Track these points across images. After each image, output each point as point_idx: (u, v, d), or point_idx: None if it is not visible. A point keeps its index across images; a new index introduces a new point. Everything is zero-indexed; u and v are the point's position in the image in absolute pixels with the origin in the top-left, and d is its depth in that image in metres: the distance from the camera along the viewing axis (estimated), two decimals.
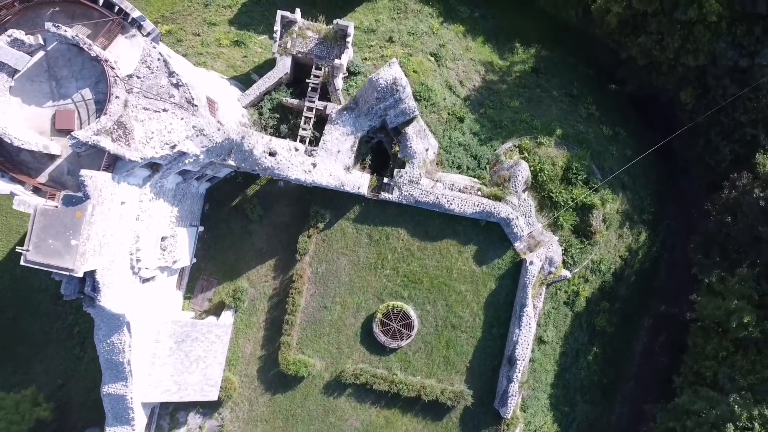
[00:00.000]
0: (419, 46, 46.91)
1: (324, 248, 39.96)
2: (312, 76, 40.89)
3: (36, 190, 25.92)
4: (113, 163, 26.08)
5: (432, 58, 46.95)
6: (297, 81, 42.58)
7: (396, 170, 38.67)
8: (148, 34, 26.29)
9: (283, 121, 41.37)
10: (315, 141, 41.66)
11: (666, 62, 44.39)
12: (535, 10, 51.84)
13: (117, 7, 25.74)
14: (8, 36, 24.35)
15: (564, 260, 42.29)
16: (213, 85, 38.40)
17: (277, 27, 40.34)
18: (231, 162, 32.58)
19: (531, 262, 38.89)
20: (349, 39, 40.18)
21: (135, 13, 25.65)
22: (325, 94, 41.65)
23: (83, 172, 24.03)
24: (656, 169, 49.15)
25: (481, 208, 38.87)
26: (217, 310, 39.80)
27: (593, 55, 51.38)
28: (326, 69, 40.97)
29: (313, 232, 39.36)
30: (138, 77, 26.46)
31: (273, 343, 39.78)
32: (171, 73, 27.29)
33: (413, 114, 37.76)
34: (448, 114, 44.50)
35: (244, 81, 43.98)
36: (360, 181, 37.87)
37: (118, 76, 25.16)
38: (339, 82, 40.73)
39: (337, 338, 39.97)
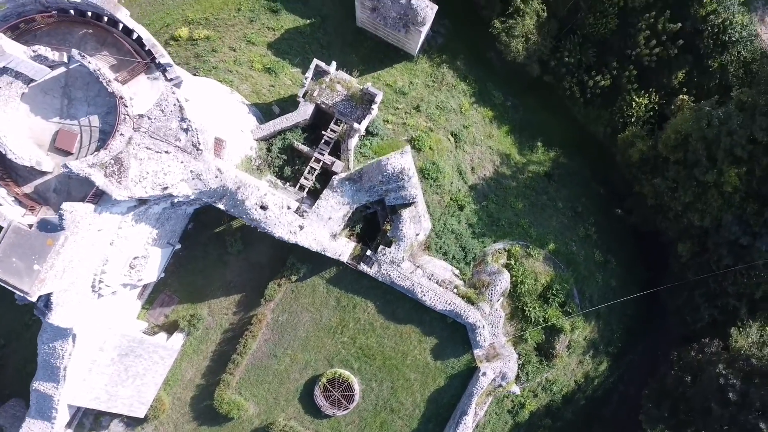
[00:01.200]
0: (443, 122, 46.98)
1: (290, 299, 40.02)
2: (329, 130, 41.00)
3: (18, 200, 25.98)
4: (100, 195, 26.13)
5: (452, 138, 47.05)
6: (314, 126, 42.64)
7: (381, 247, 38.73)
8: (171, 79, 26.29)
9: (289, 163, 41.41)
10: (313, 192, 41.89)
11: (673, 210, 44.59)
12: (567, 115, 51.99)
13: (147, 48, 25.74)
14: (33, 51, 24.36)
15: (518, 374, 42.40)
16: (229, 112, 38.43)
17: (309, 74, 40.43)
18: (221, 206, 32.63)
19: (484, 373, 38.97)
20: (375, 106, 40.26)
21: (163, 59, 25.67)
22: (337, 150, 41.70)
23: (64, 205, 24.08)
24: (635, 304, 49.26)
25: (452, 307, 38.94)
26: (170, 327, 39.83)
27: (608, 176, 51.55)
28: (345, 126, 41.03)
29: (285, 281, 39.43)
30: (149, 118, 26.51)
31: (214, 376, 39.83)
32: (183, 119, 27.34)
33: (412, 201, 37.82)
34: (451, 199, 44.60)
35: (264, 110, 44.01)
36: (343, 249, 37.97)
37: (128, 115, 25.20)
38: (353, 143, 40.77)
39: (278, 389, 40.01)
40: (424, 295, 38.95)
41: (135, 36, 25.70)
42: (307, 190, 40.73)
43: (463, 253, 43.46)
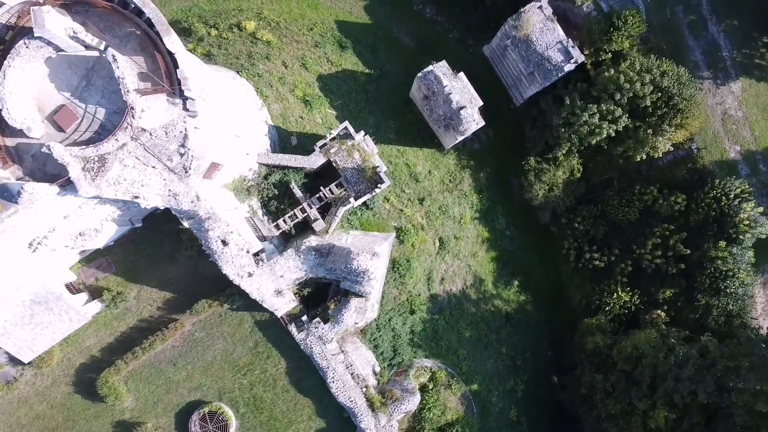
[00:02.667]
0: (437, 225, 47.16)
1: (214, 321, 40.08)
2: (328, 188, 41.18)
3: None
4: (70, 183, 26.23)
5: (438, 243, 47.25)
6: (317, 174, 42.82)
7: (318, 319, 38.87)
8: (188, 110, 26.45)
9: (278, 198, 41.48)
10: (287, 235, 42.07)
11: (598, 411, 44.80)
12: (554, 270, 52.31)
13: (180, 78, 25.86)
14: (74, 31, 24.50)
15: None
16: (245, 130, 38.51)
17: (335, 133, 40.64)
18: (185, 224, 32.77)
19: None
20: (378, 190, 40.45)
21: (189, 93, 25.82)
22: (326, 208, 41.88)
23: (26, 186, 24.24)
24: None
25: (352, 405, 39.07)
26: (94, 292, 39.85)
27: (562, 344, 51.75)
28: (343, 193, 41.23)
29: (217, 305, 39.52)
30: (151, 134, 26.65)
31: (111, 356, 39.84)
32: (183, 145, 27.50)
33: (365, 295, 37.97)
34: (407, 300, 44.75)
35: (282, 136, 44.09)
36: (282, 306, 38.15)
37: (131, 125, 25.34)
38: (342, 211, 40.90)
39: (162, 396, 40.04)
40: (333, 381, 39.08)
41: (174, 59, 25.78)
42: (281, 231, 40.98)
43: (392, 354, 43.61)
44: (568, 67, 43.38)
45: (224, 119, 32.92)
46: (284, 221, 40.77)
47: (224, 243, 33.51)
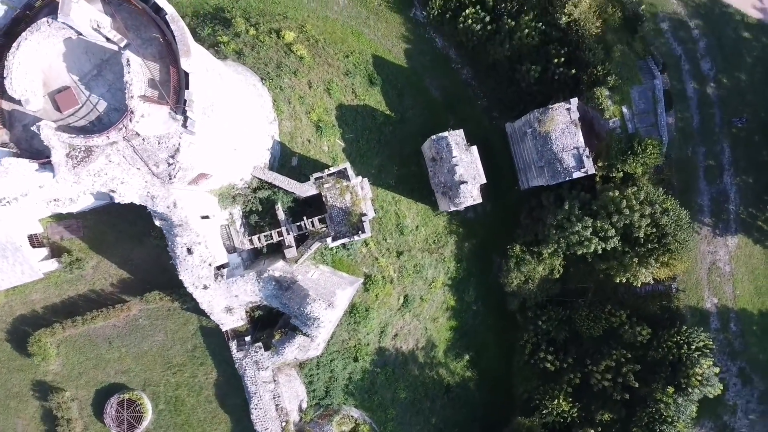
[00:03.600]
0: (407, 282, 47.18)
1: (161, 314, 40.08)
2: (311, 221, 41.28)
3: None
4: (50, 164, 26.20)
5: (402, 300, 47.24)
6: (305, 202, 42.89)
7: (260, 344, 38.85)
8: (186, 127, 26.45)
9: (260, 214, 41.57)
10: (258, 251, 42.11)
11: None
12: (508, 356, 52.22)
13: (187, 99, 25.85)
14: (99, 24, 24.54)
15: None
16: (248, 141, 38.50)
17: (333, 170, 40.72)
18: (156, 222, 32.77)
19: None
20: (357, 239, 40.58)
21: (192, 114, 25.84)
22: (303, 239, 41.96)
23: (4, 161, 24.24)
24: None
25: None
26: (55, 251, 39.84)
27: (493, 430, 51.67)
28: (324, 229, 41.30)
29: (168, 299, 39.51)
30: (144, 140, 26.67)
31: (51, 317, 39.83)
32: (172, 157, 27.52)
33: (311, 336, 37.97)
34: (355, 347, 44.74)
35: (285, 153, 44.11)
36: (229, 322, 38.12)
37: (126, 127, 25.35)
38: (315, 247, 40.97)
39: (89, 369, 40.00)
40: (256, 408, 39.12)
41: (187, 79, 25.80)
42: (252, 247, 41.05)
43: (324, 395, 43.60)
44: (577, 175, 43.49)
45: (227, 133, 32.88)
46: (259, 239, 40.89)
47: (189, 251, 33.51)
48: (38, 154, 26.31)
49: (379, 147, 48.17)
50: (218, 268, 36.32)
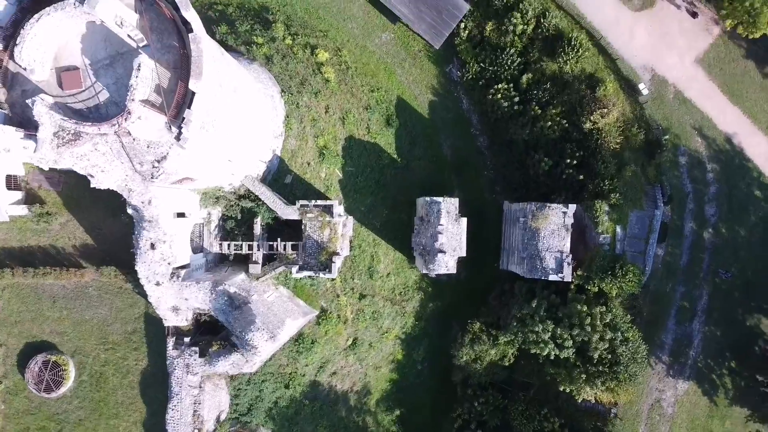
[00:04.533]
0: (362, 326, 47.07)
1: (111, 290, 40.05)
2: (284, 245, 41.25)
3: None
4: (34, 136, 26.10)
5: (350, 342, 47.15)
6: (286, 223, 42.83)
7: (196, 349, 38.78)
8: (178, 140, 26.42)
9: (238, 222, 41.59)
10: (225, 258, 42.11)
11: None
12: (439, 425, 52.06)
13: (186, 118, 25.82)
14: (123, 21, 24.53)
15: None
16: (237, 156, 38.40)
17: (321, 203, 40.74)
18: (129, 209, 32.77)
19: None
20: (324, 276, 40.62)
21: (187, 132, 25.81)
22: (273, 257, 41.97)
23: None
24: None
25: None
26: (29, 197, 39.76)
27: None
28: (293, 256, 41.29)
29: (123, 278, 39.49)
30: (134, 140, 26.66)
31: (7, 259, 39.70)
32: (159, 161, 27.50)
33: (246, 359, 37.92)
34: (290, 374, 44.61)
35: (281, 169, 44.00)
36: (172, 320, 38.06)
37: (119, 125, 25.33)
38: (279, 270, 40.97)
39: (26, 321, 39.74)
40: (173, 408, 39.06)
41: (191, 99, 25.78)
42: (220, 252, 41.03)
43: (246, 411, 43.44)
44: (554, 278, 43.50)
45: (225, 145, 32.86)
46: (229, 246, 40.86)
47: (152, 247, 33.49)
48: (28, 122, 26.29)
49: (376, 187, 48.13)
50: (177, 268, 36.22)
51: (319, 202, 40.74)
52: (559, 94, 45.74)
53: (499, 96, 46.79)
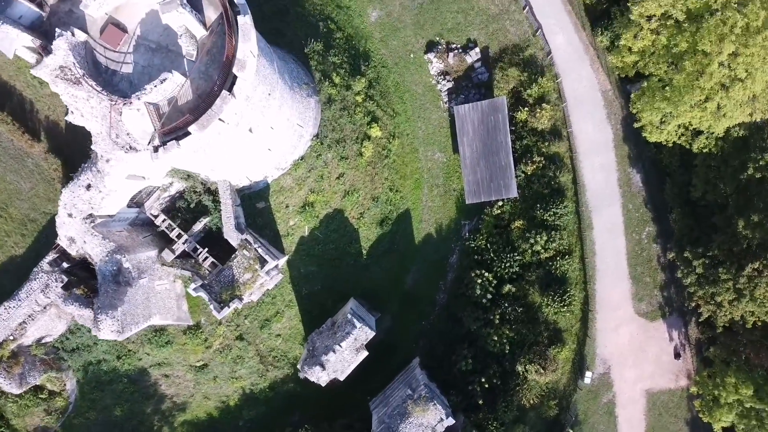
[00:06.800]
0: (218, 359, 46.48)
1: (46, 178, 39.92)
2: (205, 258, 40.76)
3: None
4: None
5: (199, 365, 46.59)
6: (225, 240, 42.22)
7: (64, 280, 38.33)
8: (155, 152, 26.06)
9: (189, 209, 41.15)
10: (152, 225, 41.69)
11: None
12: None
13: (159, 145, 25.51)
14: (184, 29, 24.28)
15: None
16: (225, 167, 38.10)
17: (263, 251, 40.22)
18: (93, 146, 32.32)
19: None
20: (213, 311, 40.13)
21: (162, 153, 25.49)
22: (189, 257, 41.60)
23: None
24: None
25: None
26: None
27: None
28: (204, 272, 40.93)
29: (60, 176, 39.14)
30: (121, 121, 26.36)
31: None
32: (131, 148, 27.20)
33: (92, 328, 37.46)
34: (127, 352, 43.98)
35: (260, 193, 43.40)
36: (65, 244, 37.67)
37: (116, 104, 25.06)
38: (185, 273, 40.64)
39: None
40: (5, 309, 38.62)
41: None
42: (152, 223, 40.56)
43: (70, 350, 42.89)
44: None
45: (211, 162, 32.57)
46: (163, 221, 40.39)
47: (87, 188, 33.17)
48: (47, 35, 26.02)
49: (328, 264, 47.63)
50: (92, 216, 35.65)
51: (263, 249, 40.05)
52: (522, 323, 45.31)
53: (479, 282, 46.34)
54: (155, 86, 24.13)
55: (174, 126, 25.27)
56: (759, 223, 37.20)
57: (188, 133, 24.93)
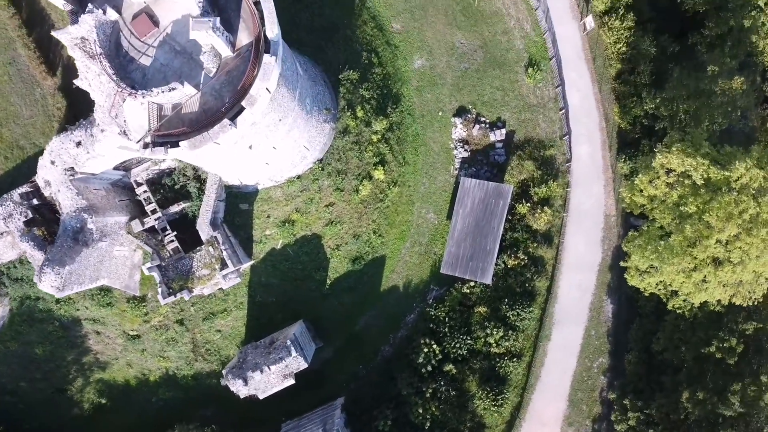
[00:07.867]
0: (152, 336, 46.39)
1: (48, 113, 39.57)
2: (171, 242, 40.65)
3: None
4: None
5: (133, 334, 46.47)
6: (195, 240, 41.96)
7: (28, 215, 38.17)
8: (144, 150, 25.94)
9: (173, 187, 41.23)
10: (131, 191, 41.51)
11: None
12: None
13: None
14: (210, 47, 24.18)
15: None
16: (227, 166, 38.01)
17: (230, 257, 40.07)
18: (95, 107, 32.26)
19: None
20: (159, 296, 39.98)
21: (150, 153, 25.39)
22: (154, 233, 41.46)
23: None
24: None
25: None
26: None
27: None
28: (164, 256, 40.75)
29: (61, 116, 39.02)
30: (122, 106, 26.23)
31: None
32: (124, 133, 27.05)
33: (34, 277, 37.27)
34: (68, 299, 43.87)
35: (248, 195, 43.49)
36: (41, 184, 37.49)
37: (123, 92, 24.96)
38: (147, 248, 40.40)
39: None
40: None
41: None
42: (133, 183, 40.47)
43: (10, 277, 42.80)
44: None
45: (208, 161, 32.43)
46: (145, 191, 40.29)
47: (77, 144, 33.00)
48: (80, 2, 25.94)
49: (290, 281, 47.48)
50: (74, 170, 35.48)
51: (227, 252, 39.94)
52: (451, 406, 45.06)
53: (426, 350, 46.11)
54: (162, 92, 24.02)
55: (168, 133, 25.14)
56: (702, 401, 37.09)
57: (178, 145, 24.81)
